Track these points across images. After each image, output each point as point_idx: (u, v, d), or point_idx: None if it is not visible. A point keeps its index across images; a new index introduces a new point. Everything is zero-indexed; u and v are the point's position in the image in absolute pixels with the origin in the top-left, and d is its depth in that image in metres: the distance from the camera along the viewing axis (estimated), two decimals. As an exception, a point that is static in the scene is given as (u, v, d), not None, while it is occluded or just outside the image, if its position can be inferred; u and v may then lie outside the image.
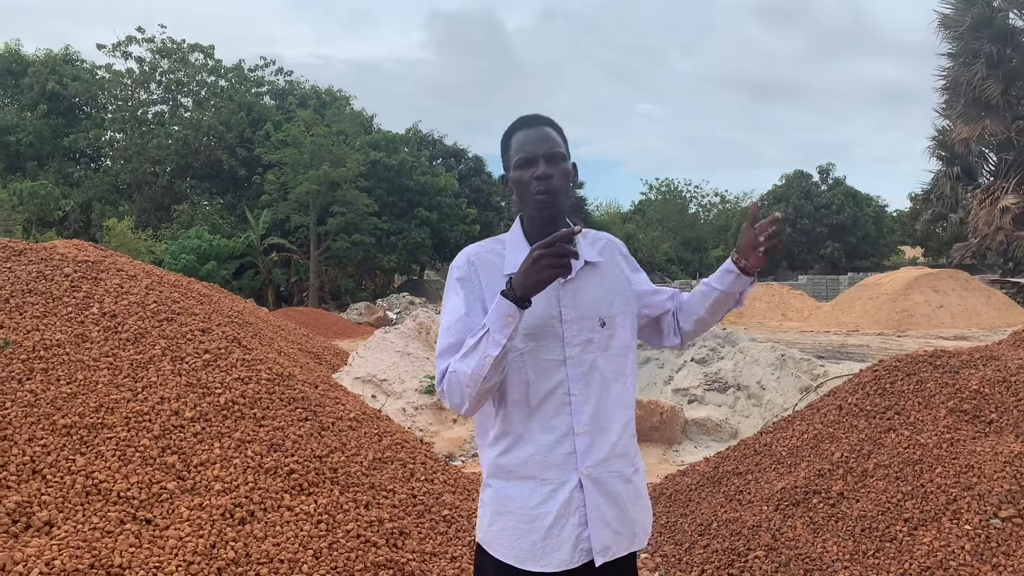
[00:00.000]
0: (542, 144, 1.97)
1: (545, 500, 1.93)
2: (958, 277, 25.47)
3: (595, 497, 1.95)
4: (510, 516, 1.95)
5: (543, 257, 1.71)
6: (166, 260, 28.88)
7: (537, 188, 1.95)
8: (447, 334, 1.93)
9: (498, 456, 1.99)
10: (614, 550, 1.97)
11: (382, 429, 4.85)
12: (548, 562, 1.91)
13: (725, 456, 4.94)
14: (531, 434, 1.94)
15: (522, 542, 1.93)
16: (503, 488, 1.98)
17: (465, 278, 1.99)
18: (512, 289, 1.78)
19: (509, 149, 2.04)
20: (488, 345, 1.78)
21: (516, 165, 1.99)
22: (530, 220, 2.05)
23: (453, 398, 1.86)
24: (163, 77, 39.12)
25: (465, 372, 1.81)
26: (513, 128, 2.05)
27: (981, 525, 3.27)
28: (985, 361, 4.30)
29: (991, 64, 30.99)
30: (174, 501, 3.47)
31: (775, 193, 50.96)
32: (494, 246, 2.07)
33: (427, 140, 43.93)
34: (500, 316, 1.78)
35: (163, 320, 4.62)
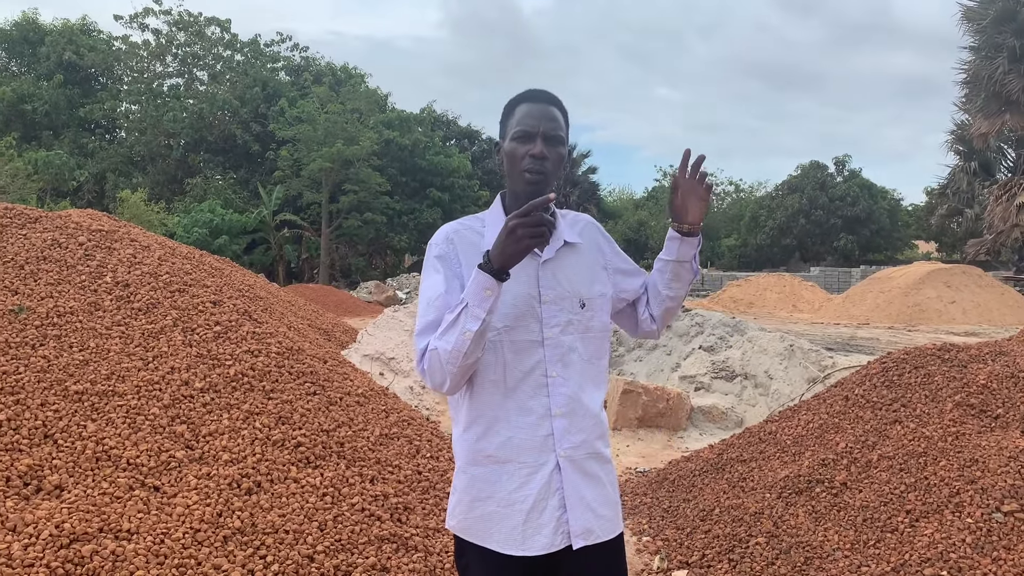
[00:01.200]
0: (545, 122, 1.93)
1: (523, 484, 1.89)
2: (971, 273, 25.33)
3: (574, 479, 1.91)
4: (489, 501, 1.92)
5: (519, 227, 1.68)
6: (178, 233, 29.01)
7: (528, 165, 1.92)
8: (426, 311, 1.89)
9: (474, 441, 1.95)
10: (597, 533, 1.93)
11: (389, 406, 4.88)
12: (529, 546, 1.88)
13: (729, 443, 4.95)
14: (507, 416, 1.91)
15: (502, 527, 1.90)
16: (481, 474, 1.94)
17: (443, 255, 1.95)
18: (489, 262, 1.74)
19: (510, 118, 1.99)
20: (467, 320, 1.75)
21: (513, 137, 1.94)
22: (512, 197, 2.01)
23: (434, 377, 1.83)
24: (179, 50, 39.15)
25: (445, 349, 1.77)
26: (519, 98, 2.00)
27: (983, 519, 3.28)
28: (994, 356, 4.30)
29: (1013, 59, 30.65)
30: (182, 470, 3.51)
31: (790, 183, 50.71)
32: (473, 224, 2.03)
33: (441, 120, 43.88)
34: (479, 289, 1.74)
35: (175, 291, 4.65)
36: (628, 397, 7.56)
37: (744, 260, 52.59)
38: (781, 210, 49.27)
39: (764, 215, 50.79)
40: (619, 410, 7.52)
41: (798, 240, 49.58)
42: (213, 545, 3.20)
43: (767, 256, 51.00)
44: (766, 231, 50.13)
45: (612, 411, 7.49)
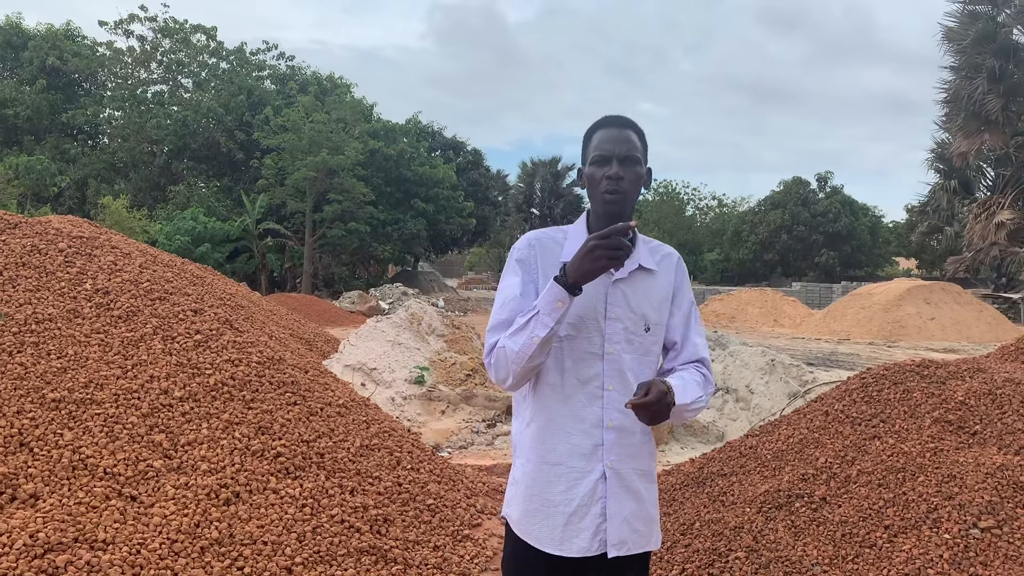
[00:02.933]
0: (620, 145, 2.04)
1: (570, 487, 2.01)
2: (951, 290, 25.57)
3: (617, 491, 2.02)
4: (535, 499, 2.04)
5: (598, 248, 1.83)
6: (160, 240, 28.80)
7: (606, 187, 2.03)
8: (500, 311, 2.03)
9: (531, 438, 2.07)
10: (630, 546, 2.03)
11: (370, 417, 4.86)
12: (568, 547, 1.99)
13: (710, 457, 4.96)
14: (563, 421, 2.03)
15: (544, 524, 2.02)
16: (533, 471, 2.06)
17: (524, 260, 2.09)
18: (565, 275, 1.88)
19: (589, 144, 2.10)
20: (536, 326, 1.90)
21: (592, 161, 2.06)
22: (595, 216, 2.12)
23: (499, 372, 1.98)
24: (164, 57, 38.97)
25: (512, 349, 1.92)
26: (597, 125, 2.12)
27: (960, 535, 3.29)
28: (972, 373, 4.33)
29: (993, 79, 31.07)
30: (160, 479, 3.48)
31: (773, 199, 51.06)
32: (555, 235, 2.16)
33: (426, 131, 43.87)
34: (551, 300, 1.89)
35: (156, 299, 4.62)
36: (610, 410, 7.55)
37: (726, 275, 52.84)
38: (763, 225, 49.59)
39: (747, 230, 51.09)
40: (601, 423, 7.51)
41: (780, 255, 49.88)
42: (190, 556, 3.17)
43: (749, 271, 51.28)
44: (748, 246, 50.42)
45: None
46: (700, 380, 2.08)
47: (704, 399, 2.06)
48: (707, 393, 2.09)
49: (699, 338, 2.19)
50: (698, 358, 2.16)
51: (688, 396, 1.98)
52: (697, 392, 2.03)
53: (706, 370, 2.16)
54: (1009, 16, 31.84)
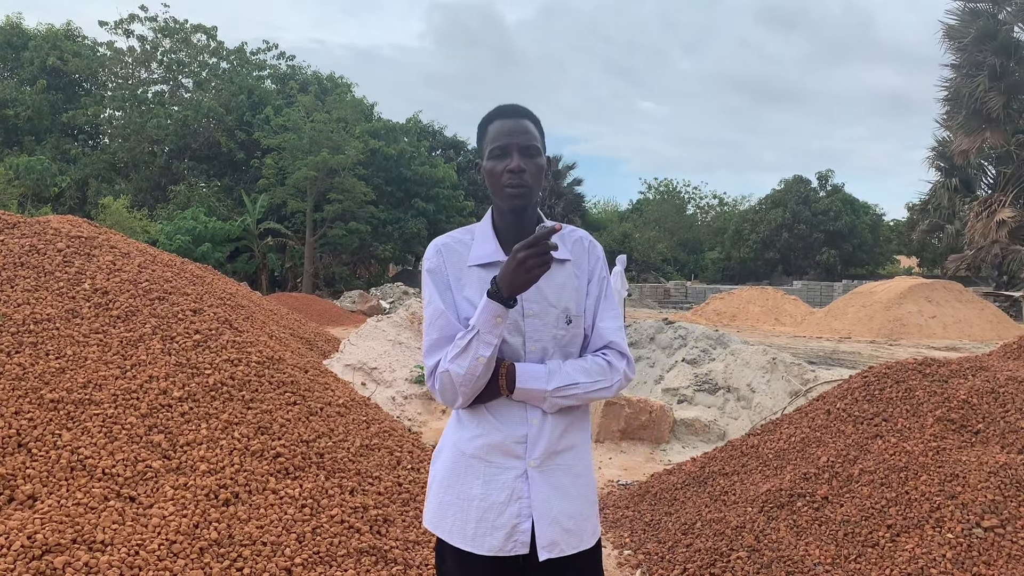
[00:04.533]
0: (518, 136, 1.95)
1: (487, 483, 1.94)
2: (952, 288, 25.53)
3: (543, 490, 1.94)
4: (450, 490, 1.99)
5: (528, 258, 1.75)
6: (161, 240, 28.79)
7: (509, 181, 1.94)
8: (431, 329, 1.96)
9: (452, 433, 2.03)
10: (562, 546, 1.95)
11: (370, 416, 4.85)
12: (478, 544, 1.92)
13: (712, 456, 4.94)
14: (485, 419, 1.96)
15: (456, 518, 1.96)
16: (451, 465, 2.00)
17: (432, 269, 2.01)
18: (498, 290, 1.81)
19: (485, 137, 2.02)
20: (479, 346, 1.84)
21: (490, 155, 1.97)
22: (499, 212, 2.05)
23: (446, 395, 1.92)
24: (164, 57, 38.94)
25: (459, 373, 1.86)
26: (491, 116, 2.02)
27: (963, 534, 3.28)
28: (974, 371, 4.31)
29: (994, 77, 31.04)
30: (159, 480, 3.46)
31: (774, 197, 51.02)
32: (463, 236, 2.07)
33: (427, 131, 43.86)
34: (490, 317, 1.83)
35: (155, 299, 4.60)
36: (611, 409, 7.55)
37: (727, 273, 52.82)
38: (764, 224, 49.55)
39: (748, 229, 51.06)
40: (601, 422, 7.51)
41: (781, 254, 49.85)
42: (189, 557, 3.15)
43: (750, 269, 51.26)
44: (749, 245, 50.39)
45: (595, 423, 7.48)
46: (589, 367, 1.98)
47: (591, 386, 1.96)
48: (601, 379, 1.98)
49: (608, 322, 2.07)
50: (604, 344, 2.05)
51: (555, 381, 1.91)
52: (576, 378, 1.94)
53: (613, 355, 2.03)
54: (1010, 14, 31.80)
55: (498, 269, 1.91)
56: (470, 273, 1.99)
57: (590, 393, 1.98)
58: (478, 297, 1.93)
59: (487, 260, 1.99)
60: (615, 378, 2.01)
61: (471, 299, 1.96)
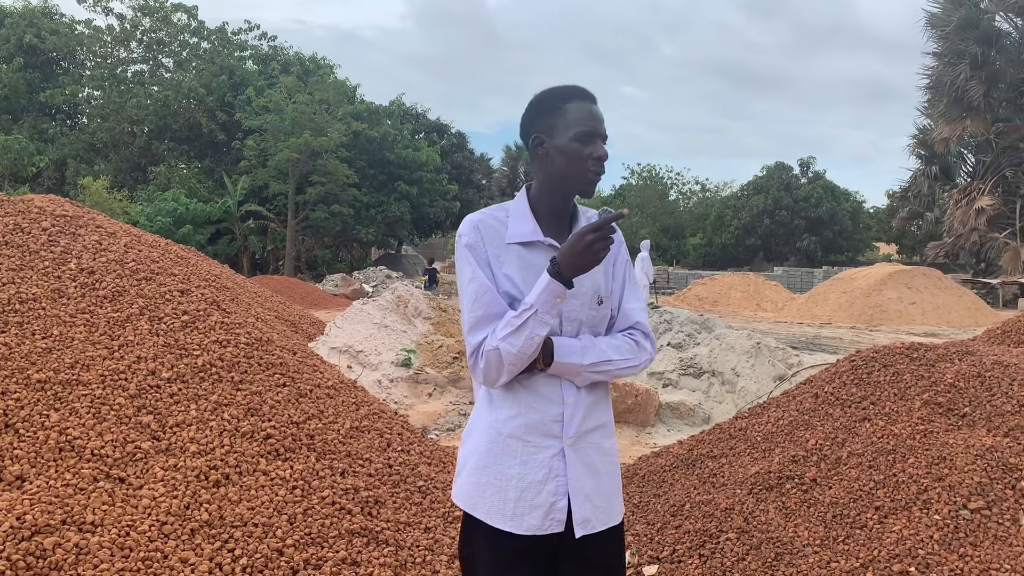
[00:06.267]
0: (601, 123, 1.98)
1: (524, 462, 1.96)
2: (931, 275, 25.76)
3: (576, 468, 1.98)
4: (486, 471, 1.99)
5: (596, 241, 1.80)
6: (141, 222, 28.53)
7: (593, 168, 1.97)
8: (476, 306, 1.95)
9: (488, 414, 2.03)
10: (593, 523, 1.99)
11: (359, 399, 4.83)
12: (518, 524, 1.94)
13: (700, 439, 4.97)
14: (520, 398, 1.97)
15: (495, 498, 1.97)
16: (487, 445, 2.01)
17: (472, 244, 2.00)
18: (558, 270, 1.84)
19: (563, 115, 1.98)
20: (536, 325, 1.86)
21: (575, 137, 1.95)
22: (544, 193, 2.05)
23: (490, 374, 1.92)
24: (144, 36, 38.45)
25: (510, 352, 1.86)
26: (567, 94, 2.00)
27: (950, 515, 3.31)
28: (961, 356, 4.35)
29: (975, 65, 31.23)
30: (148, 461, 3.44)
31: (755, 184, 51.22)
32: (497, 214, 2.07)
33: (410, 113, 43.62)
34: (550, 297, 1.85)
35: (142, 279, 4.56)
36: (597, 393, 7.56)
37: (709, 259, 53.02)
38: (746, 210, 49.76)
39: (729, 215, 51.25)
40: (588, 406, 7.52)
41: (762, 240, 50.10)
42: (180, 538, 3.14)
43: (732, 255, 51.49)
44: (731, 231, 50.59)
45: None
46: (620, 344, 2.03)
47: (622, 363, 2.01)
48: (631, 358, 2.03)
49: (633, 303, 2.13)
50: (631, 324, 2.10)
51: (590, 357, 1.95)
52: (609, 355, 1.98)
53: (639, 335, 2.09)
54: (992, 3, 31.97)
55: (537, 248, 1.98)
56: (508, 251, 1.99)
57: (621, 370, 2.02)
58: (517, 274, 1.96)
59: (527, 239, 2.01)
60: (643, 357, 2.06)
61: (510, 276, 1.97)
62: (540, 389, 1.97)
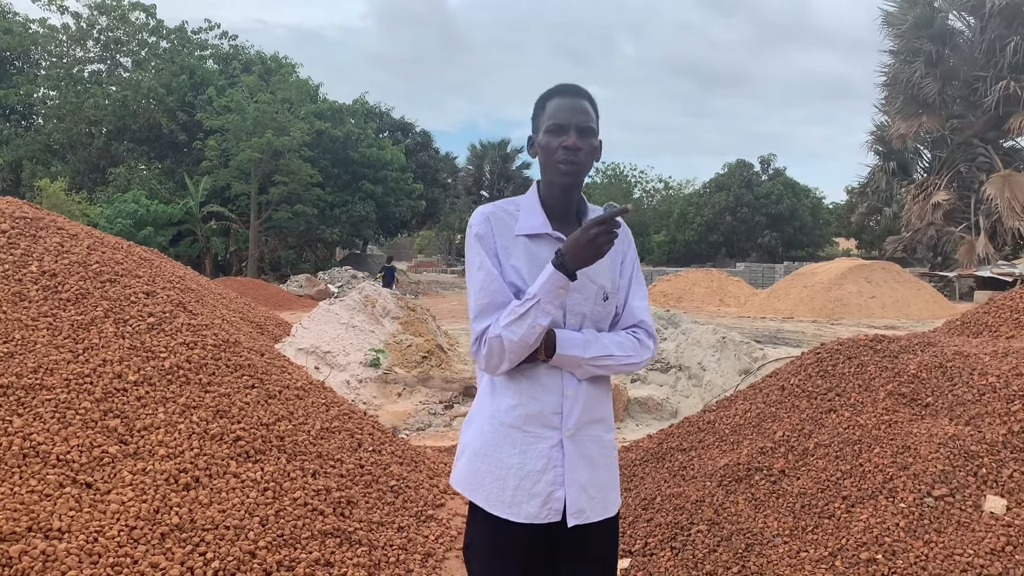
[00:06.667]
0: (577, 115, 2.02)
1: (524, 451, 2.00)
2: (890, 269, 26.23)
3: (574, 459, 2.02)
4: (487, 459, 2.04)
5: (600, 235, 1.83)
6: (100, 224, 28.03)
7: (563, 157, 2.01)
8: (482, 294, 2.00)
9: (489, 403, 2.07)
10: (588, 514, 2.03)
11: (329, 399, 4.81)
12: (516, 512, 1.99)
13: (669, 433, 5.01)
14: (522, 388, 2.02)
15: (494, 486, 2.02)
16: (488, 432, 2.05)
17: (482, 234, 2.05)
18: (563, 262, 1.88)
19: (543, 112, 2.08)
20: (538, 315, 1.90)
21: (547, 130, 2.04)
22: (548, 187, 2.11)
23: (491, 360, 1.97)
24: (101, 35, 37.78)
25: (512, 339, 1.91)
26: (551, 93, 2.09)
27: (915, 503, 3.38)
28: (923, 347, 4.44)
29: (930, 63, 31.84)
30: (116, 465, 3.39)
31: (717, 181, 51.70)
32: (507, 207, 2.12)
33: (374, 112, 43.37)
34: (553, 288, 1.89)
35: (106, 281, 4.49)
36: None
37: (673, 256, 53.44)
38: (709, 207, 50.22)
39: (692, 212, 51.69)
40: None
41: (725, 237, 50.61)
42: (150, 543, 3.10)
43: (695, 252, 51.95)
44: (694, 227, 51.03)
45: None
46: (623, 341, 2.06)
47: (624, 359, 2.04)
48: (633, 355, 2.06)
49: (638, 301, 2.17)
50: (635, 322, 2.14)
51: (592, 351, 1.99)
52: (611, 350, 2.02)
53: (642, 333, 2.12)
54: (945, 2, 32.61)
55: (545, 241, 2.03)
56: (516, 243, 2.04)
57: (622, 365, 2.05)
58: (524, 266, 2.00)
59: (535, 231, 2.05)
60: (645, 355, 2.10)
61: (517, 268, 2.02)
62: (542, 380, 2.01)
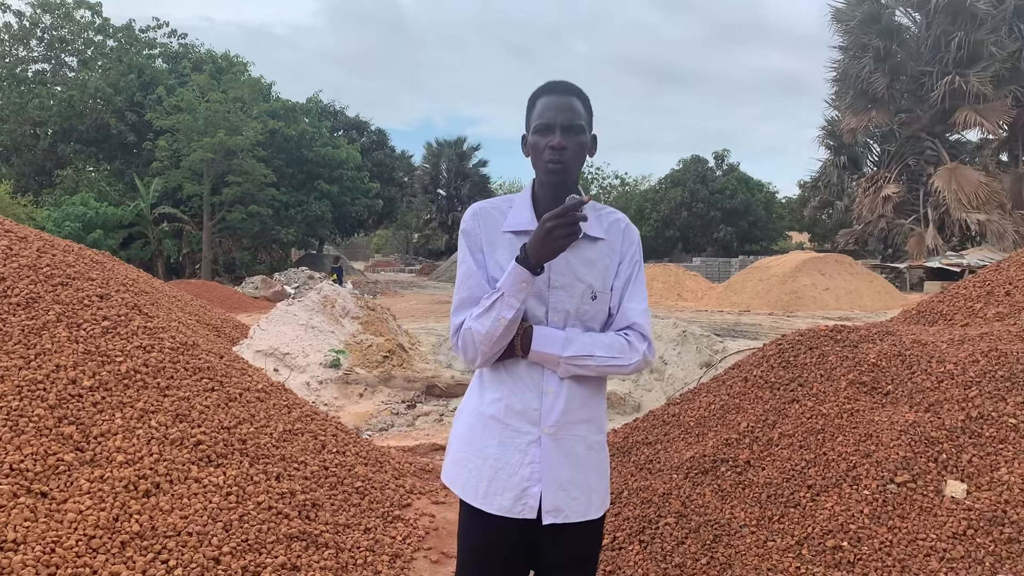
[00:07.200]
0: (563, 113, 2.02)
1: (502, 444, 2.01)
2: (843, 261, 26.70)
3: (554, 456, 2.01)
4: (468, 447, 2.07)
5: (555, 228, 1.83)
6: (48, 227, 27.34)
7: (549, 157, 2.02)
8: (461, 288, 2.05)
9: (477, 396, 2.11)
10: (567, 513, 2.01)
11: (291, 401, 4.73)
12: (488, 503, 2.00)
13: (634, 427, 5.03)
14: (504, 382, 2.03)
15: (471, 475, 2.04)
16: (471, 424, 2.09)
17: (468, 231, 2.10)
18: (527, 256, 1.89)
19: (532, 111, 2.09)
20: (503, 308, 1.92)
21: (535, 129, 2.06)
22: (540, 185, 2.11)
23: (467, 352, 2.00)
24: (45, 33, 36.84)
25: (479, 331, 1.94)
26: (540, 91, 2.10)
27: (878, 490, 3.43)
28: (882, 336, 4.51)
29: (878, 58, 32.47)
30: (72, 473, 3.30)
31: (673, 177, 52.18)
32: (501, 204, 2.15)
33: (328, 111, 42.96)
34: (516, 281, 1.91)
35: (57, 285, 4.36)
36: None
37: (630, 251, 53.71)
38: (665, 203, 50.70)
39: (649, 208, 52.13)
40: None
41: (681, 232, 51.13)
42: (110, 552, 3.02)
43: (651, 247, 52.40)
44: (651, 223, 51.46)
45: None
46: (610, 342, 2.03)
47: (608, 360, 2.01)
48: (620, 357, 2.03)
49: (635, 303, 2.11)
50: (628, 324, 2.09)
51: (572, 350, 1.98)
52: (593, 350, 1.99)
53: (635, 336, 2.07)
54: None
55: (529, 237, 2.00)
56: (502, 238, 2.06)
57: (606, 367, 2.03)
58: (507, 261, 2.00)
59: (520, 228, 2.06)
60: (634, 357, 2.06)
61: (500, 263, 2.03)
62: (522, 376, 2.02)
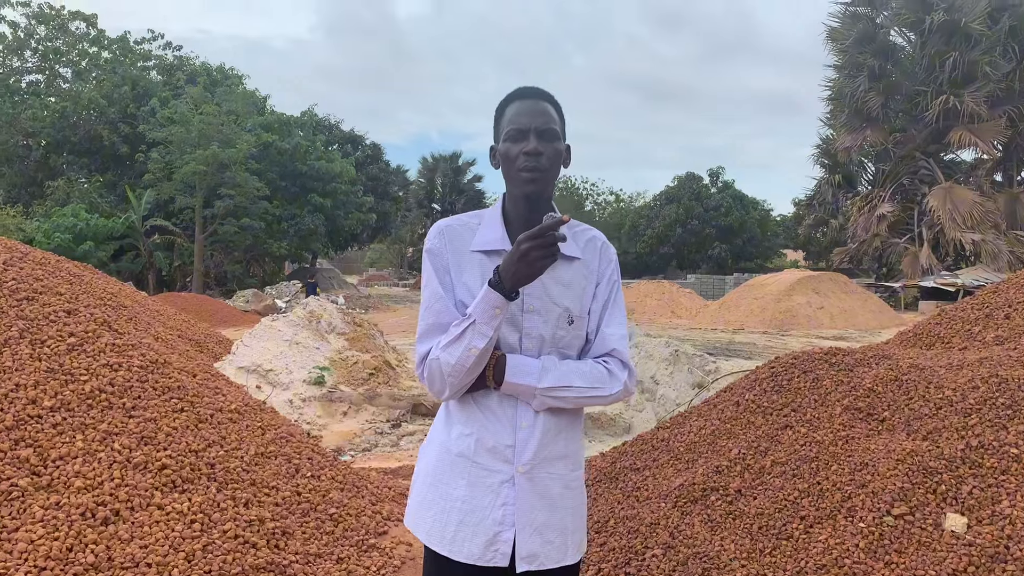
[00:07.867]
0: (537, 118, 1.86)
1: (472, 484, 1.84)
2: (837, 280, 26.63)
3: (529, 497, 1.83)
4: (433, 488, 1.89)
5: (532, 249, 1.65)
6: (38, 239, 27.14)
7: (524, 164, 1.84)
8: (427, 314, 1.87)
9: (443, 430, 1.92)
10: (542, 559, 1.84)
11: (266, 422, 4.56)
12: (456, 550, 1.82)
13: (622, 451, 4.87)
14: (474, 417, 1.85)
15: (437, 519, 1.86)
16: (436, 459, 1.91)
17: (433, 250, 1.91)
18: (500, 281, 1.72)
19: (502, 118, 1.92)
20: (474, 336, 1.74)
21: (507, 137, 1.87)
22: (512, 200, 1.94)
23: (434, 384, 1.81)
24: (39, 44, 36.75)
25: (448, 362, 1.76)
26: (509, 98, 1.93)
27: (875, 523, 3.27)
28: (878, 360, 4.36)
29: (873, 78, 32.55)
30: (26, 499, 3.12)
31: (667, 194, 52.20)
32: (469, 220, 1.98)
33: (323, 124, 42.90)
34: (488, 307, 1.73)
35: (22, 299, 4.19)
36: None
37: (624, 268, 53.68)
38: (659, 220, 50.67)
39: (643, 224, 52.11)
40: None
41: (675, 249, 51.08)
42: (61, 585, 2.84)
43: (646, 264, 52.32)
44: (645, 240, 51.42)
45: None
46: (588, 371, 1.86)
47: (587, 391, 1.84)
48: (600, 387, 1.86)
49: (614, 328, 1.95)
50: (607, 350, 1.93)
51: (548, 380, 1.80)
52: (571, 380, 1.82)
53: (614, 364, 1.90)
54: (887, 18, 33.44)
55: (502, 258, 1.81)
56: (471, 258, 1.88)
57: (586, 398, 1.85)
58: (477, 284, 1.84)
59: (490, 247, 1.89)
60: (615, 387, 1.89)
61: (469, 285, 1.85)
62: (494, 410, 1.84)
